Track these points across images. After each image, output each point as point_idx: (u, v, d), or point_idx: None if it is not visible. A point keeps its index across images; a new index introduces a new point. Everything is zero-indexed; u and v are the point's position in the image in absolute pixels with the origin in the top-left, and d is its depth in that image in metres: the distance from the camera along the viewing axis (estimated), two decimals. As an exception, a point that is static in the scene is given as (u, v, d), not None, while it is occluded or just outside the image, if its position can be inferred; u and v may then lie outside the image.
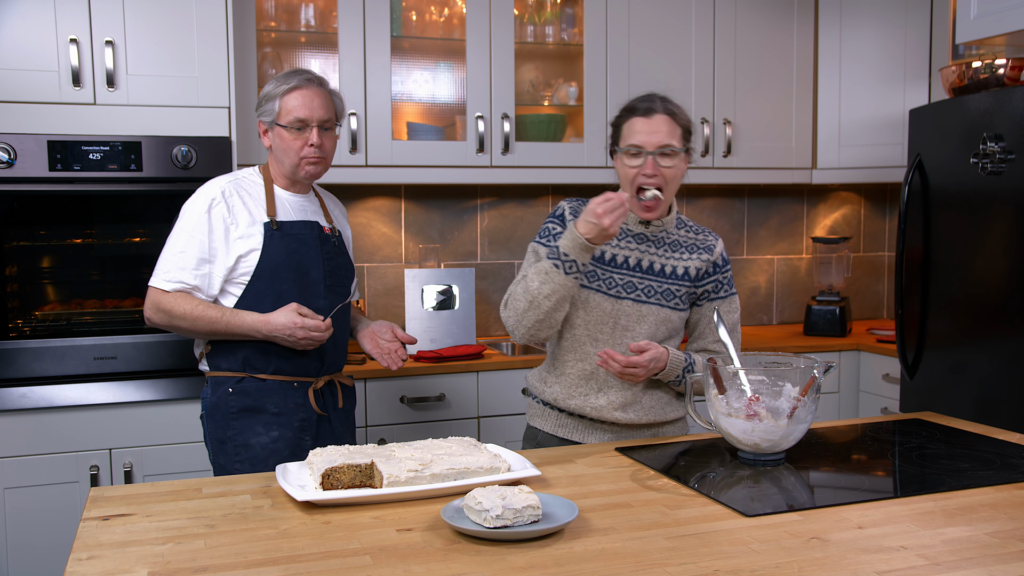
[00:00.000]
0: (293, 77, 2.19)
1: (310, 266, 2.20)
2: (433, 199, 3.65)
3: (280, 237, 2.17)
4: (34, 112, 2.66)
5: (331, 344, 2.23)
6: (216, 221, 2.13)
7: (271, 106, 2.18)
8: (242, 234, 2.14)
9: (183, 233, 2.14)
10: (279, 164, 2.22)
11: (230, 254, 2.14)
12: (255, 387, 2.17)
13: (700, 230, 2.17)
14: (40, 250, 2.81)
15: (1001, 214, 2.72)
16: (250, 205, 2.18)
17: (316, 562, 1.28)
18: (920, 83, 3.67)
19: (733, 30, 3.62)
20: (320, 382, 2.24)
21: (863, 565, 1.26)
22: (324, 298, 2.22)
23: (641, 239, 2.10)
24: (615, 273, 2.06)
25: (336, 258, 2.29)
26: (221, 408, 2.18)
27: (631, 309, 2.05)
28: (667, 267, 2.08)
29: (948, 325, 2.95)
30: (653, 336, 2.06)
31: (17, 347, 2.67)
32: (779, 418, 1.72)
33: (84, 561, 1.30)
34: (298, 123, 2.15)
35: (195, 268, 2.12)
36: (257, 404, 2.17)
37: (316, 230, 2.24)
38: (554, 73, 3.64)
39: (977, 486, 1.61)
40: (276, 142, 2.19)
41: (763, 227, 4.13)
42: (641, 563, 1.27)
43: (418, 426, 3.02)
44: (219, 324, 2.11)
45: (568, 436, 2.11)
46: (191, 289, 2.13)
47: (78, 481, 2.67)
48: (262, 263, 2.15)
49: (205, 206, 2.13)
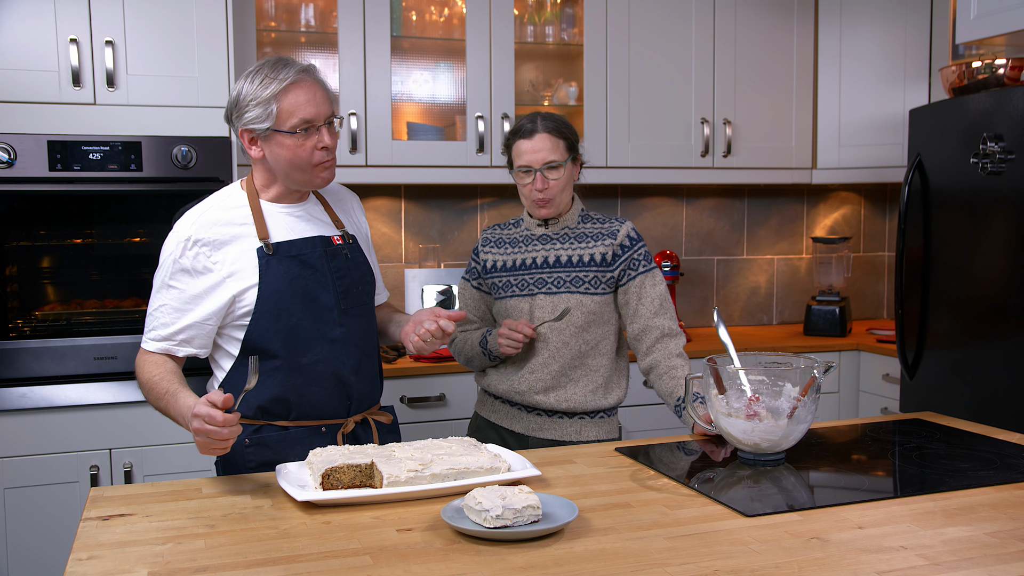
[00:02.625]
0: (282, 70, 1.81)
1: (318, 291, 1.87)
2: (433, 199, 3.65)
3: (278, 262, 1.84)
4: (34, 112, 2.66)
5: (354, 376, 1.91)
6: (196, 264, 1.82)
7: (263, 110, 1.80)
8: (231, 271, 1.83)
9: (161, 284, 1.85)
10: (281, 176, 1.88)
11: (219, 298, 1.82)
12: (276, 438, 1.85)
13: (607, 219, 2.29)
14: (40, 250, 2.81)
15: (1001, 214, 2.72)
16: (234, 232, 1.85)
17: (316, 562, 1.28)
18: (920, 83, 3.67)
19: (733, 30, 3.62)
20: (350, 424, 1.92)
21: (863, 565, 1.26)
22: (340, 326, 1.89)
23: (545, 239, 2.27)
24: (526, 275, 2.25)
25: (350, 273, 1.94)
26: (236, 463, 1.84)
27: (544, 301, 2.21)
28: (573, 257, 2.23)
29: (948, 325, 2.95)
30: (571, 321, 2.19)
31: (17, 347, 2.67)
32: (779, 418, 1.72)
33: (84, 561, 1.30)
34: (305, 124, 1.81)
35: (178, 323, 1.82)
36: (278, 457, 1.82)
37: (320, 246, 1.91)
38: (554, 73, 3.64)
39: (977, 486, 1.61)
40: (277, 152, 1.83)
41: (763, 227, 4.13)
42: (641, 563, 1.27)
43: (418, 426, 3.02)
44: (161, 401, 1.76)
45: (499, 421, 2.29)
46: (176, 347, 1.83)
47: (78, 481, 2.67)
48: (262, 296, 1.82)
49: (179, 251, 1.83)
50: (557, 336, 2.19)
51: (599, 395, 2.22)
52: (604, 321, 2.23)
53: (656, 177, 3.58)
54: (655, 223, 3.96)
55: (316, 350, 1.86)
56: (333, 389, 1.89)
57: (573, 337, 2.19)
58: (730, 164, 3.65)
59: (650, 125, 3.54)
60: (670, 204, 3.98)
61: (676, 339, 2.19)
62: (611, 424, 2.27)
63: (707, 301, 4.06)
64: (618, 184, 3.76)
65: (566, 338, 2.19)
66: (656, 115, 3.54)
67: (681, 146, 3.59)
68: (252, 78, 1.83)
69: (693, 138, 3.60)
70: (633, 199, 3.92)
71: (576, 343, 2.19)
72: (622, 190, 3.88)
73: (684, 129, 3.59)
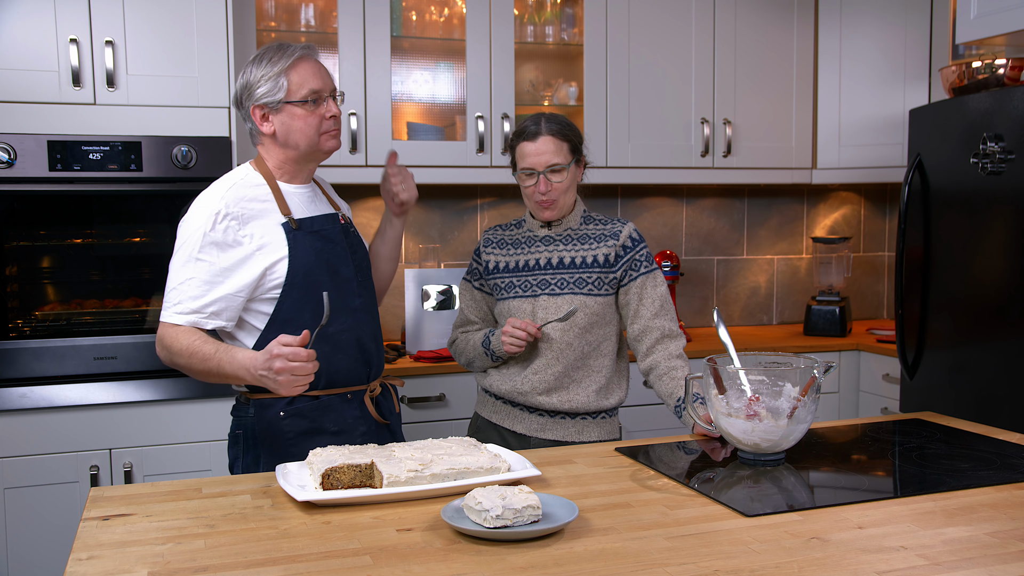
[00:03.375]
0: (287, 51, 1.96)
1: (340, 263, 2.00)
2: (433, 199, 3.65)
3: (304, 236, 1.95)
4: (34, 112, 2.66)
5: (374, 344, 2.06)
6: (226, 237, 1.88)
7: (273, 84, 1.93)
8: (260, 244, 1.90)
9: (188, 258, 1.88)
10: (291, 147, 1.98)
11: (251, 271, 1.89)
12: (310, 407, 1.95)
13: (608, 220, 2.29)
14: (40, 250, 2.81)
15: (1001, 214, 2.72)
16: (259, 208, 1.94)
17: (316, 562, 1.28)
18: (920, 83, 3.67)
19: (733, 30, 3.62)
20: (376, 388, 2.07)
21: (863, 565, 1.26)
22: (359, 296, 2.03)
23: (548, 241, 2.26)
24: (529, 276, 2.24)
25: (359, 249, 2.11)
26: (273, 435, 1.94)
27: (548, 302, 2.21)
28: (576, 258, 2.23)
29: (948, 325, 2.95)
30: (571, 322, 2.18)
31: (17, 347, 2.67)
32: (779, 418, 1.72)
33: (84, 561, 1.30)
34: (313, 95, 1.95)
35: (208, 295, 1.87)
36: (315, 426, 1.94)
37: (335, 222, 2.04)
38: (554, 73, 3.64)
39: (977, 486, 1.61)
40: (288, 123, 1.95)
41: (763, 227, 4.13)
42: (641, 563, 1.27)
43: (418, 426, 3.02)
44: (211, 362, 1.82)
45: (500, 422, 2.27)
46: (206, 319, 1.87)
47: (78, 481, 2.67)
48: (292, 269, 1.91)
49: (209, 224, 1.88)
50: (561, 337, 2.18)
51: (601, 396, 2.22)
52: (606, 322, 2.23)
53: (656, 177, 3.58)
54: (655, 223, 3.96)
55: (341, 320, 1.98)
56: (357, 356, 2.02)
57: (577, 338, 2.19)
58: (730, 164, 3.65)
59: (650, 125, 3.54)
60: (670, 204, 3.98)
61: (676, 340, 2.19)
62: (612, 424, 2.28)
63: (707, 301, 4.06)
64: (618, 184, 3.76)
65: (570, 339, 2.19)
66: (656, 115, 3.54)
67: (681, 146, 3.59)
68: (259, 61, 1.97)
69: (693, 138, 3.60)
70: (633, 199, 3.92)
71: (580, 344, 2.19)
72: (622, 190, 3.88)
73: (684, 129, 3.59)
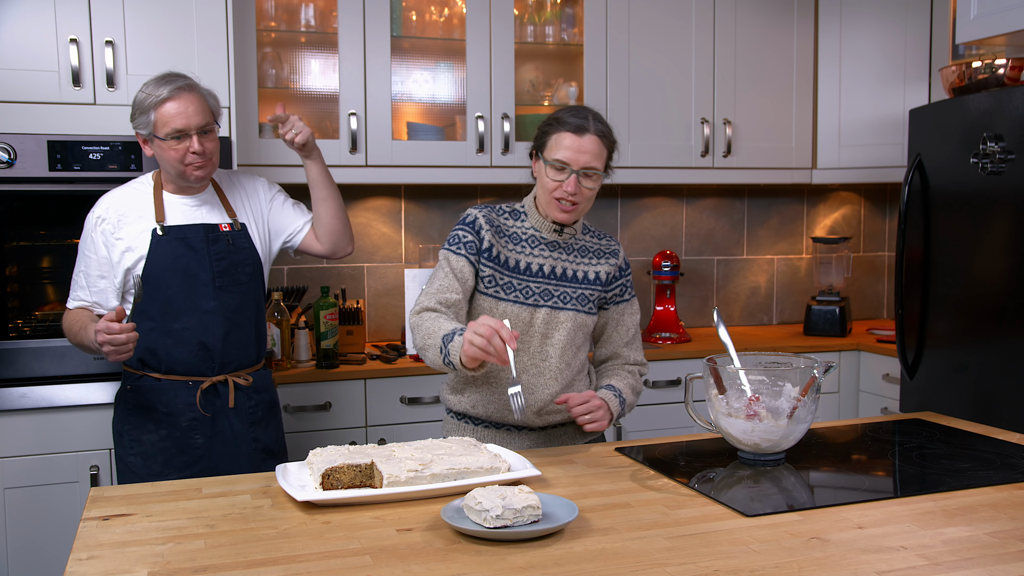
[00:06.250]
0: (163, 85, 2.17)
1: (197, 269, 2.24)
2: (433, 199, 3.65)
3: (167, 242, 2.22)
4: (34, 112, 2.66)
5: (221, 343, 2.26)
6: (103, 238, 2.23)
7: (145, 118, 2.18)
8: (128, 246, 2.22)
9: (79, 253, 2.28)
10: (163, 172, 2.28)
11: (119, 267, 2.22)
12: (149, 386, 2.25)
13: (602, 235, 2.18)
14: (40, 250, 2.81)
15: (1001, 214, 2.72)
16: (138, 214, 2.24)
17: (316, 562, 1.28)
18: (920, 83, 3.67)
19: (733, 30, 3.62)
20: (207, 382, 2.26)
21: (863, 565, 1.26)
22: (214, 299, 2.25)
23: (554, 246, 2.09)
24: (531, 282, 2.05)
25: (230, 256, 2.29)
26: (122, 403, 2.30)
27: (548, 316, 2.04)
28: (579, 272, 2.09)
29: (948, 325, 2.95)
30: (570, 342, 2.05)
31: (17, 347, 2.67)
32: (779, 418, 1.72)
33: (84, 561, 1.30)
34: (176, 133, 2.16)
35: (89, 285, 2.25)
36: (149, 403, 2.25)
37: (203, 232, 2.26)
38: (554, 73, 3.64)
39: (977, 486, 1.61)
40: (158, 153, 2.21)
41: (763, 227, 4.13)
42: (641, 563, 1.27)
43: (418, 426, 3.02)
44: (78, 337, 2.20)
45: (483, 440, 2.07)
46: (90, 305, 2.26)
47: (78, 481, 2.67)
48: (147, 269, 2.21)
49: (92, 225, 2.25)
50: (560, 357, 2.04)
51: None
52: (588, 340, 2.16)
53: (656, 177, 3.58)
54: (655, 223, 3.96)
55: (186, 318, 2.24)
56: (197, 352, 2.25)
57: (574, 357, 2.07)
58: (730, 164, 3.65)
59: (650, 125, 3.54)
60: (670, 204, 3.98)
61: (641, 369, 2.18)
62: None
63: (707, 301, 4.06)
64: (618, 184, 3.76)
65: (568, 359, 2.06)
66: (656, 115, 3.54)
67: (681, 146, 3.59)
68: (144, 88, 2.20)
69: (693, 138, 3.60)
70: (633, 199, 3.92)
71: (575, 363, 2.09)
72: (622, 190, 3.88)
73: (684, 129, 3.59)
